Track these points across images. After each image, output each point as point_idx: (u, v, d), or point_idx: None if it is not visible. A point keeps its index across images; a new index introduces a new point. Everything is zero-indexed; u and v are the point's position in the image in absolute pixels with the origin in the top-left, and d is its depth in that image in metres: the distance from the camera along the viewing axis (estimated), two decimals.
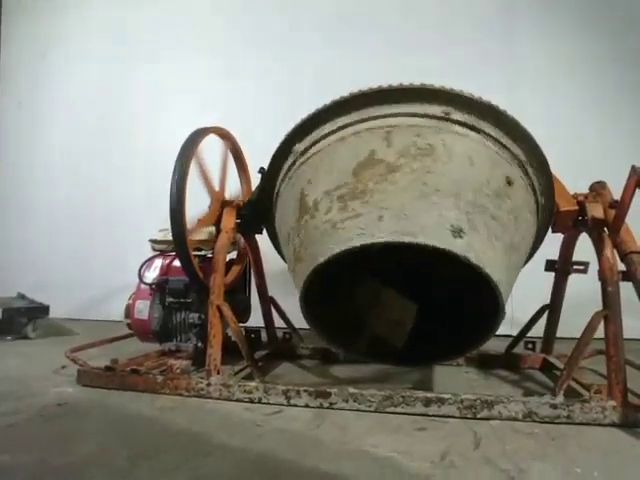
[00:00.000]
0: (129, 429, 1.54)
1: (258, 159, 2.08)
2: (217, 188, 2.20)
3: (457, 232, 1.49)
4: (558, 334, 2.25)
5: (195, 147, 1.99)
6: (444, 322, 2.00)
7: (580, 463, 1.28)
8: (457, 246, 1.48)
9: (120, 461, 1.30)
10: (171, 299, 2.21)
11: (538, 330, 2.28)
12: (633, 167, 1.59)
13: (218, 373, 1.86)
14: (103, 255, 3.81)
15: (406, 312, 1.99)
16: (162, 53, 3.77)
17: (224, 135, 2.31)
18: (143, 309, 2.26)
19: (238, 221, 2.11)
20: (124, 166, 3.81)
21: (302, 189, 1.72)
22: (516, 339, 2.32)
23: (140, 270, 2.30)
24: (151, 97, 3.81)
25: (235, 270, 2.34)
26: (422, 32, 3.33)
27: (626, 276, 1.65)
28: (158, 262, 2.34)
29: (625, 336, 1.64)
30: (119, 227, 3.77)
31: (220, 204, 2.16)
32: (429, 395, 1.64)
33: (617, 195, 1.73)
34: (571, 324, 1.80)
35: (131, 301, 2.30)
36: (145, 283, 2.27)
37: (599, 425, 1.53)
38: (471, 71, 3.11)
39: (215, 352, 1.89)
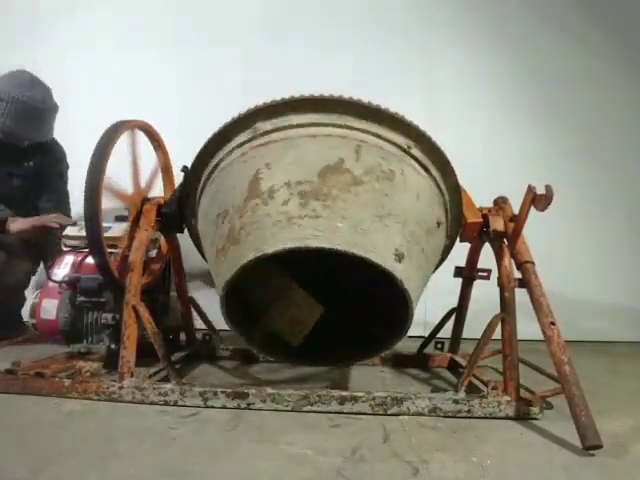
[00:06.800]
0: (31, 435, 1.45)
1: (177, 162, 2.06)
2: (143, 185, 2.15)
3: (399, 257, 1.60)
4: (465, 335, 2.42)
5: (115, 137, 1.92)
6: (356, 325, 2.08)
7: (476, 453, 1.40)
8: (398, 270, 1.58)
9: (20, 470, 1.22)
10: (83, 298, 2.10)
11: (448, 332, 2.44)
12: (529, 186, 1.75)
13: (132, 376, 1.80)
14: None
15: (311, 313, 2.01)
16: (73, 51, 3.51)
17: (146, 129, 2.24)
18: (50, 309, 2.13)
19: (158, 219, 2.06)
20: None
21: (258, 170, 1.68)
22: (427, 340, 2.46)
23: (48, 267, 2.16)
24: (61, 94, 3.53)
25: (154, 269, 2.27)
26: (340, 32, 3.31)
27: (521, 283, 1.82)
28: (69, 259, 2.22)
29: (520, 337, 1.80)
30: None
31: (141, 199, 2.09)
32: (344, 394, 1.71)
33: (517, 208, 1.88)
34: (477, 326, 1.95)
35: (37, 300, 2.16)
36: (54, 281, 2.14)
37: (495, 418, 1.67)
38: (390, 75, 3.21)
39: (129, 354, 1.82)
